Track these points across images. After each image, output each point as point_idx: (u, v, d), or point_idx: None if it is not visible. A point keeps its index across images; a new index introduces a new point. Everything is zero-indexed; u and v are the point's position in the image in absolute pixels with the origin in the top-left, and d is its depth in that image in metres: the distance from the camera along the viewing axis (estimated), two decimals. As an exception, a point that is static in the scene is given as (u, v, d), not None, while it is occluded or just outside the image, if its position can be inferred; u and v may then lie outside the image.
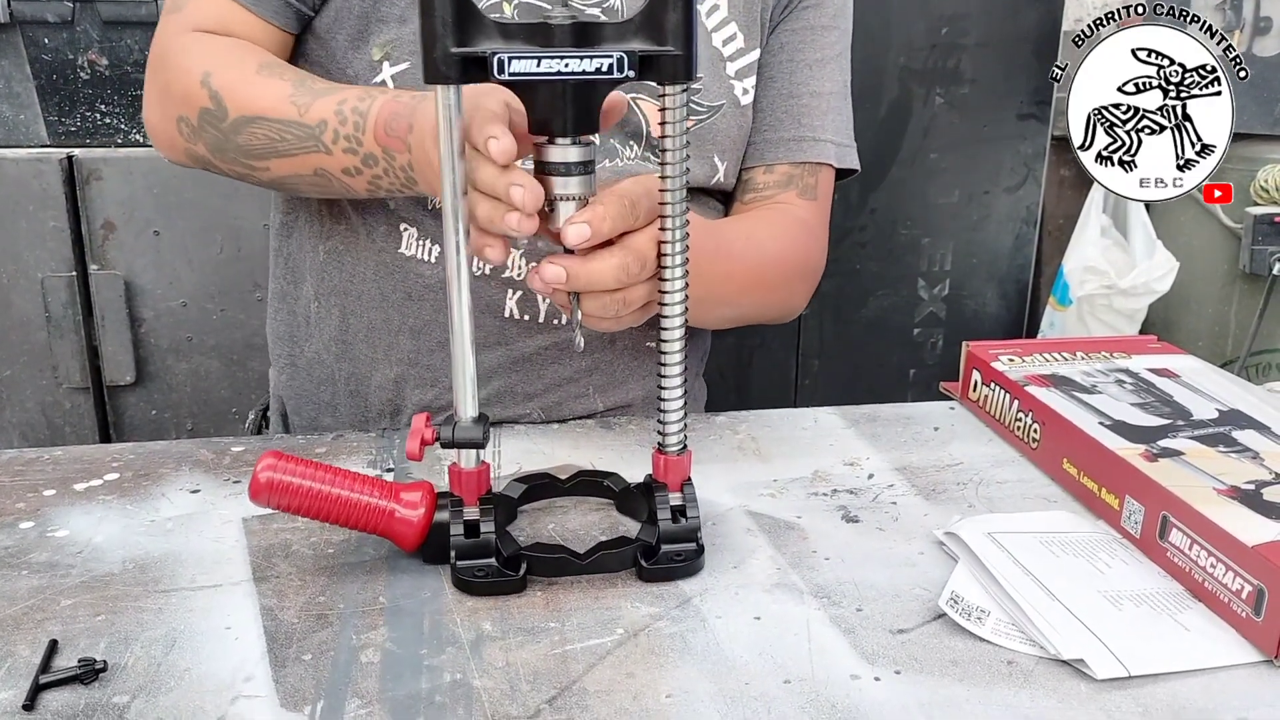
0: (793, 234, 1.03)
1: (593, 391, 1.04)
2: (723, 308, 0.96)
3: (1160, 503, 0.73)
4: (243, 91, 0.89)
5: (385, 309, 1.02)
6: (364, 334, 1.03)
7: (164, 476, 0.85)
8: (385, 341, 1.03)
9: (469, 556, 0.70)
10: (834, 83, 1.08)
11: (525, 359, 1.01)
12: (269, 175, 0.92)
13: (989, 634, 0.66)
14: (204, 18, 0.95)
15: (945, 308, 2.15)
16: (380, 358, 1.03)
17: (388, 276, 1.01)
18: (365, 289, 1.02)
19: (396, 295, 1.01)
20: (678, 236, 0.70)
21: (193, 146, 0.94)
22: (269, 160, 0.90)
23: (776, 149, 1.06)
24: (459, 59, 0.64)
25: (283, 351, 1.11)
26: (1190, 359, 0.99)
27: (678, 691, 0.61)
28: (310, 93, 0.88)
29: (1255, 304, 2.17)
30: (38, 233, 1.81)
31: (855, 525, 0.79)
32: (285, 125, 0.87)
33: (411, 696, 0.60)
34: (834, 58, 1.08)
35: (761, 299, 1.01)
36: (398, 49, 0.95)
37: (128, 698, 0.59)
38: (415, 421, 0.70)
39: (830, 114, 1.07)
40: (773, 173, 1.07)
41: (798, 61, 1.06)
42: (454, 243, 0.67)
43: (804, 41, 1.06)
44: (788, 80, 1.06)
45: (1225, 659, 0.64)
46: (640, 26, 0.66)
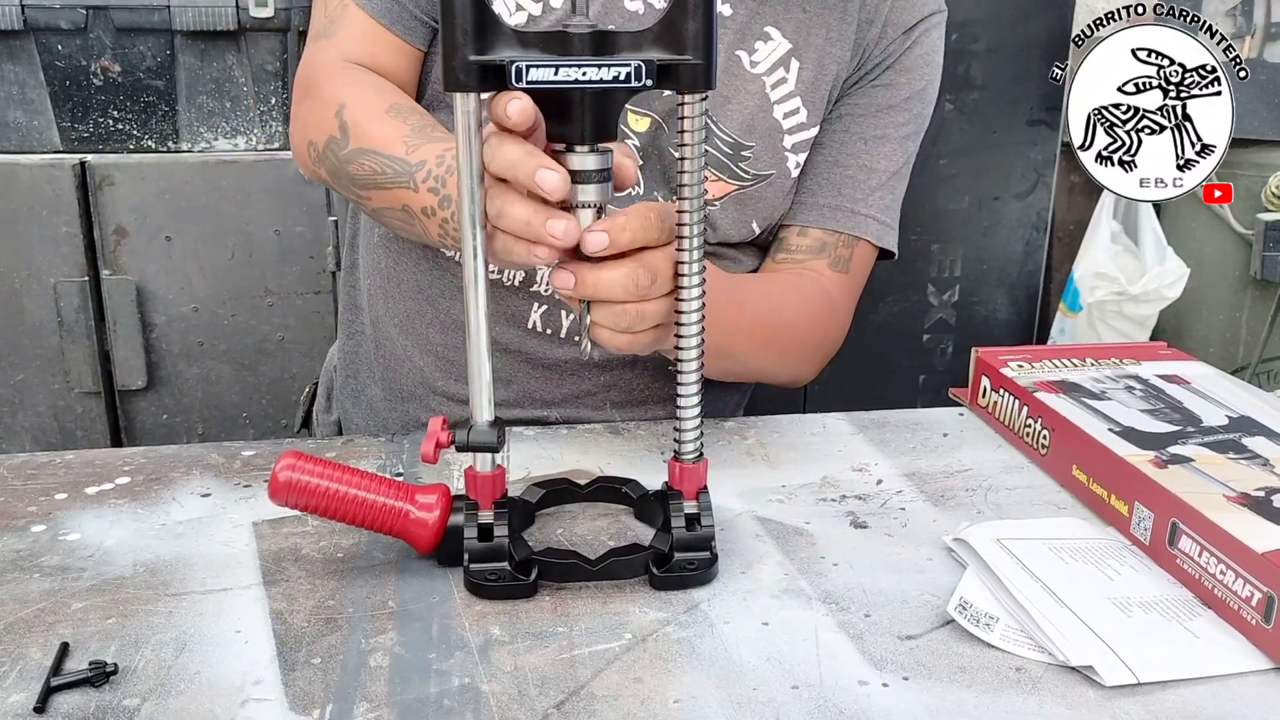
0: (815, 305, 1.01)
1: (609, 406, 1.05)
2: (728, 360, 0.93)
3: (1170, 509, 0.73)
4: (366, 126, 0.92)
5: (419, 300, 1.05)
6: (400, 320, 1.07)
7: (175, 480, 0.85)
8: (417, 331, 1.06)
9: (482, 560, 0.70)
10: (890, 161, 1.05)
11: (545, 368, 1.02)
12: (370, 205, 0.94)
13: (997, 640, 0.66)
14: (353, 45, 0.99)
15: (955, 314, 2.14)
16: (412, 345, 1.07)
17: (428, 270, 1.04)
18: (405, 277, 1.06)
19: (433, 290, 1.04)
20: (695, 244, 0.70)
21: (317, 170, 0.98)
22: (370, 191, 0.92)
23: (811, 212, 1.04)
24: (478, 67, 0.65)
25: (346, 320, 1.17)
26: (1200, 365, 0.98)
27: (685, 697, 0.61)
28: (425, 137, 0.89)
29: (1266, 311, 2.17)
30: (50, 238, 1.82)
31: (864, 531, 0.79)
32: (390, 160, 0.89)
33: (420, 700, 0.60)
34: (897, 139, 1.05)
35: (770, 361, 0.99)
36: None
37: (138, 700, 0.60)
38: (431, 424, 0.70)
39: (878, 191, 1.04)
40: (806, 236, 1.04)
41: (853, 133, 1.04)
42: (471, 247, 0.68)
43: (866, 115, 1.04)
44: (838, 149, 1.04)
45: (1235, 666, 0.64)
46: (659, 35, 0.66)
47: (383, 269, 1.08)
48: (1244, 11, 2.21)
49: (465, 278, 0.68)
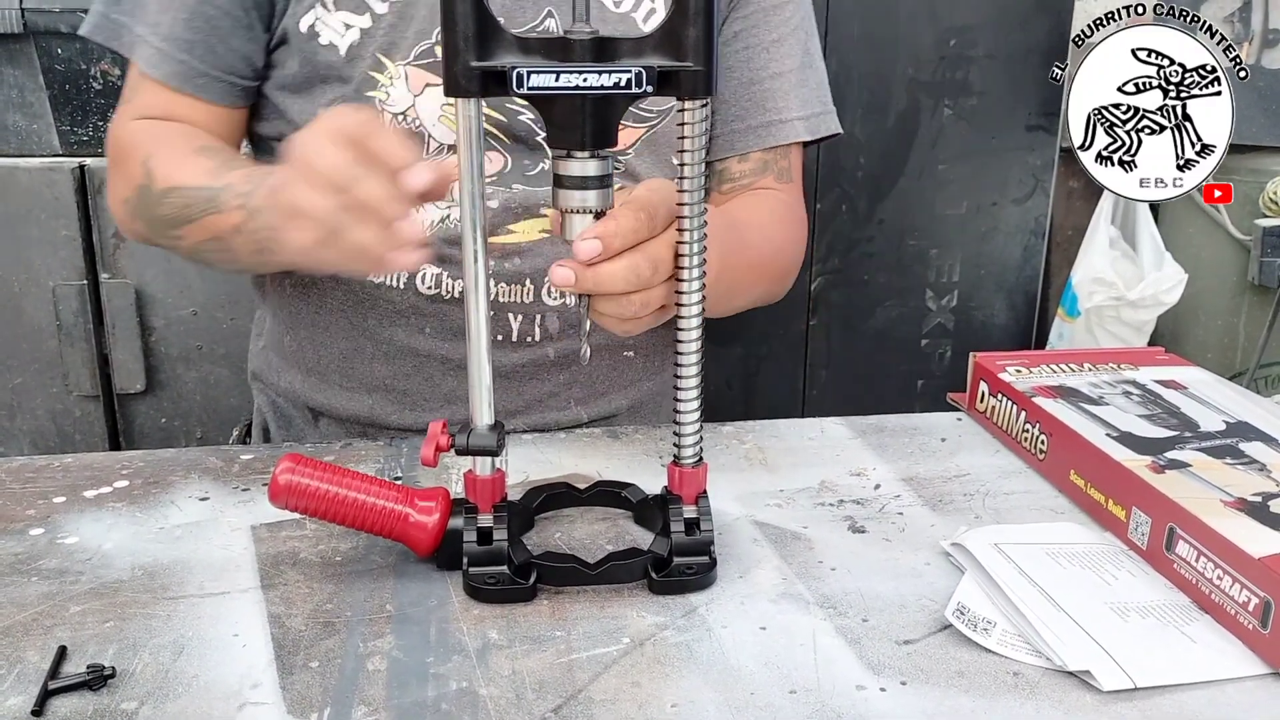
0: (790, 226, 1.06)
1: (574, 404, 1.04)
2: (740, 298, 0.98)
3: (1167, 514, 0.73)
4: (171, 168, 0.92)
5: (356, 338, 1.02)
6: (337, 363, 1.04)
7: (173, 484, 0.85)
8: (360, 370, 1.03)
9: (481, 563, 0.70)
10: (793, 59, 1.08)
11: (502, 377, 1.00)
12: (185, 245, 0.92)
13: (995, 645, 0.66)
14: (149, 107, 0.98)
15: (953, 319, 2.14)
16: (356, 386, 1.04)
17: (356, 306, 1.02)
18: (333, 320, 1.03)
19: (369, 322, 1.02)
20: (696, 250, 0.70)
21: (134, 224, 0.97)
22: (182, 228, 0.91)
23: (746, 138, 1.07)
24: (479, 73, 0.65)
25: (264, 382, 1.12)
26: (1197, 371, 0.98)
27: (683, 701, 0.61)
28: (231, 166, 0.89)
29: (1264, 316, 2.17)
30: (50, 241, 1.82)
31: (862, 536, 0.79)
32: (198, 190, 0.88)
33: (418, 704, 0.60)
34: (791, 33, 1.08)
35: (769, 287, 1.05)
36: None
37: (136, 704, 0.60)
38: (431, 428, 0.70)
39: (794, 91, 1.07)
40: (747, 160, 1.08)
41: (753, 47, 1.06)
42: (472, 250, 0.68)
43: (757, 25, 1.06)
44: (747, 68, 1.06)
45: (1232, 671, 0.64)
46: (659, 42, 0.66)
47: (305, 319, 1.05)
48: (1242, 18, 2.21)
49: (466, 282, 0.69)
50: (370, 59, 0.95)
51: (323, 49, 0.96)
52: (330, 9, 0.95)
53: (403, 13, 0.96)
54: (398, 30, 0.96)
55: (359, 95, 0.96)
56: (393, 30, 0.96)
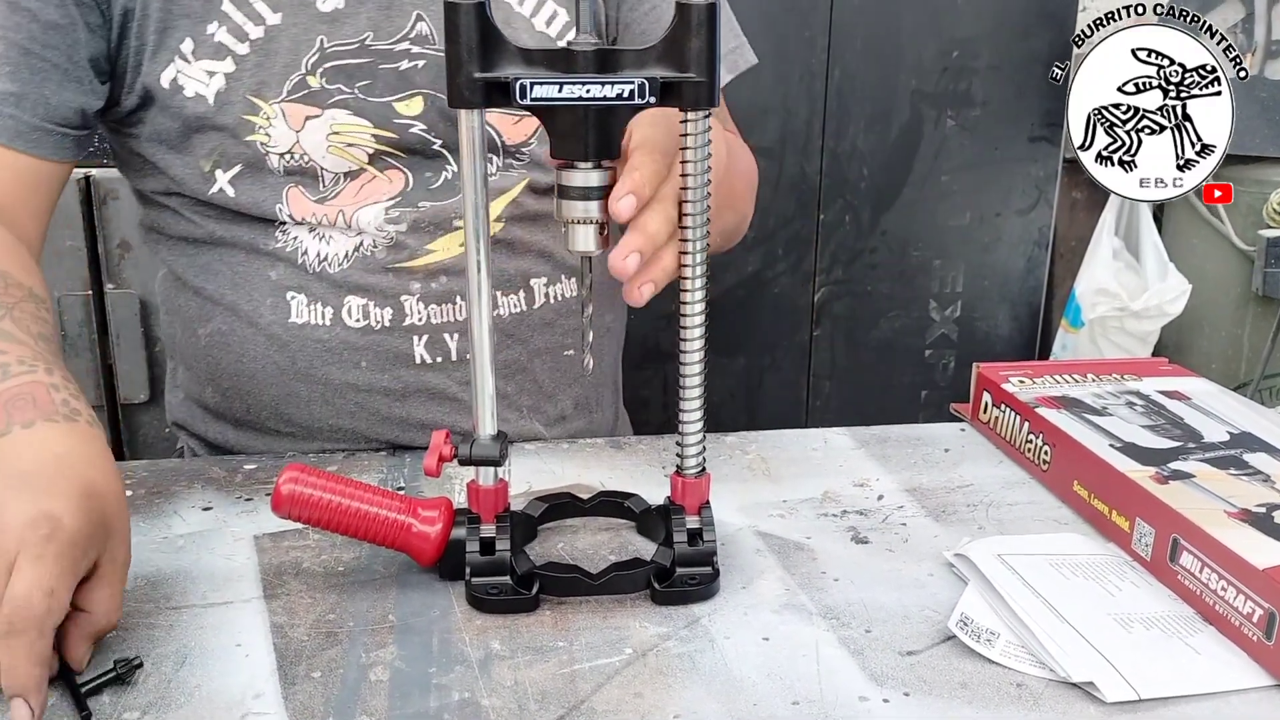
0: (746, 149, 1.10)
1: (526, 412, 1.02)
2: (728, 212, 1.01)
3: (1171, 525, 0.72)
4: None
5: (288, 382, 0.97)
6: (270, 412, 0.99)
7: (176, 494, 0.86)
8: (297, 415, 0.99)
9: (484, 574, 0.70)
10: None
11: (449, 400, 0.98)
12: None
13: (998, 656, 0.66)
14: None
15: (957, 329, 2.14)
16: (296, 432, 0.99)
17: (282, 350, 0.97)
18: (259, 368, 0.97)
19: (298, 366, 0.97)
20: (698, 261, 0.70)
21: None
22: None
23: None
24: (482, 84, 0.65)
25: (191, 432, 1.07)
26: (1201, 381, 0.98)
27: (685, 712, 0.61)
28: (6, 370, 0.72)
29: (1268, 327, 2.17)
30: (55, 252, 1.83)
31: (865, 546, 0.79)
32: None
33: (420, 715, 0.60)
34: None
35: (743, 207, 1.09)
36: (225, 157, 0.93)
37: (138, 714, 0.60)
38: (434, 438, 0.70)
39: None
40: None
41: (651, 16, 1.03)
42: (475, 261, 0.68)
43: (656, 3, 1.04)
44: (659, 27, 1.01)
45: (1236, 683, 0.63)
46: (662, 53, 0.66)
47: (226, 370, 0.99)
48: (1245, 29, 2.22)
49: (469, 292, 0.69)
50: (242, 102, 0.92)
51: (190, 101, 0.92)
52: (190, 60, 0.92)
53: (265, 50, 0.93)
54: (264, 69, 0.93)
55: (238, 140, 0.93)
56: (259, 69, 0.93)
